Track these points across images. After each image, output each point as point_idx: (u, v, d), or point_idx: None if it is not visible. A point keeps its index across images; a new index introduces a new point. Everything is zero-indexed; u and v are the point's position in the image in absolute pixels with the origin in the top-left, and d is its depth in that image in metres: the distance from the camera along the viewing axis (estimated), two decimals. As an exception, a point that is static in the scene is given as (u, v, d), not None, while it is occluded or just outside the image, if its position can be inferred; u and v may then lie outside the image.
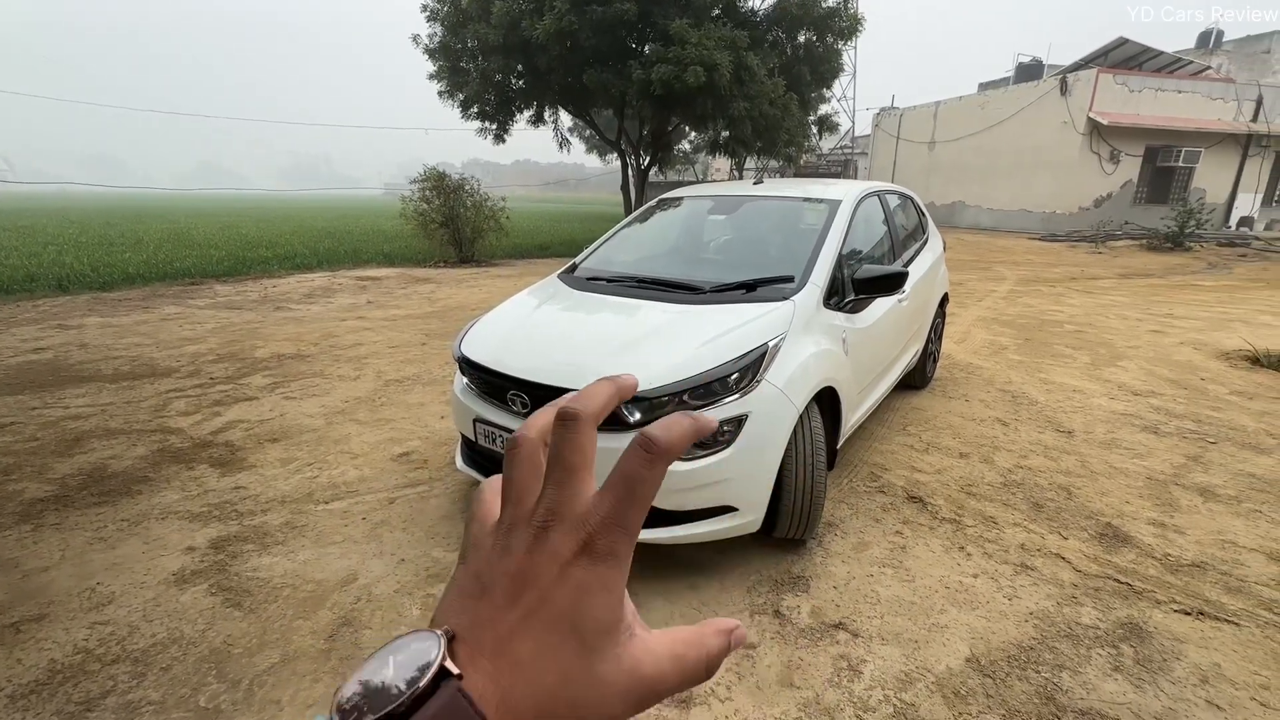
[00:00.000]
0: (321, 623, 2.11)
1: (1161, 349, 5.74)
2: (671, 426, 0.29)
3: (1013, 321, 6.95)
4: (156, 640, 2.02)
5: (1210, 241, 15.01)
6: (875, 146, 25.95)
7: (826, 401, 2.61)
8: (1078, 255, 13.87)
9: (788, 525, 2.41)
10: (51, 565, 2.41)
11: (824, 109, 18.38)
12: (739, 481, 2.18)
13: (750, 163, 22.39)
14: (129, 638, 2.04)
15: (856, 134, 33.06)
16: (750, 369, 2.22)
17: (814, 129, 16.90)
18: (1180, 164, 17.04)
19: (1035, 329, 6.58)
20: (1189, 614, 2.17)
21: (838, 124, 17.85)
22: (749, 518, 2.25)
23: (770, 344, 2.30)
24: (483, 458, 2.61)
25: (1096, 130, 16.74)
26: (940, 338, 4.80)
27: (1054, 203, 17.80)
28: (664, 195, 3.89)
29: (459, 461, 2.74)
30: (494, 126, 15.63)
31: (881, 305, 3.16)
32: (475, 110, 14.98)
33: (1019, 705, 1.78)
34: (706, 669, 0.28)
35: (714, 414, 2.14)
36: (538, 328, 2.68)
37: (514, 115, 15.74)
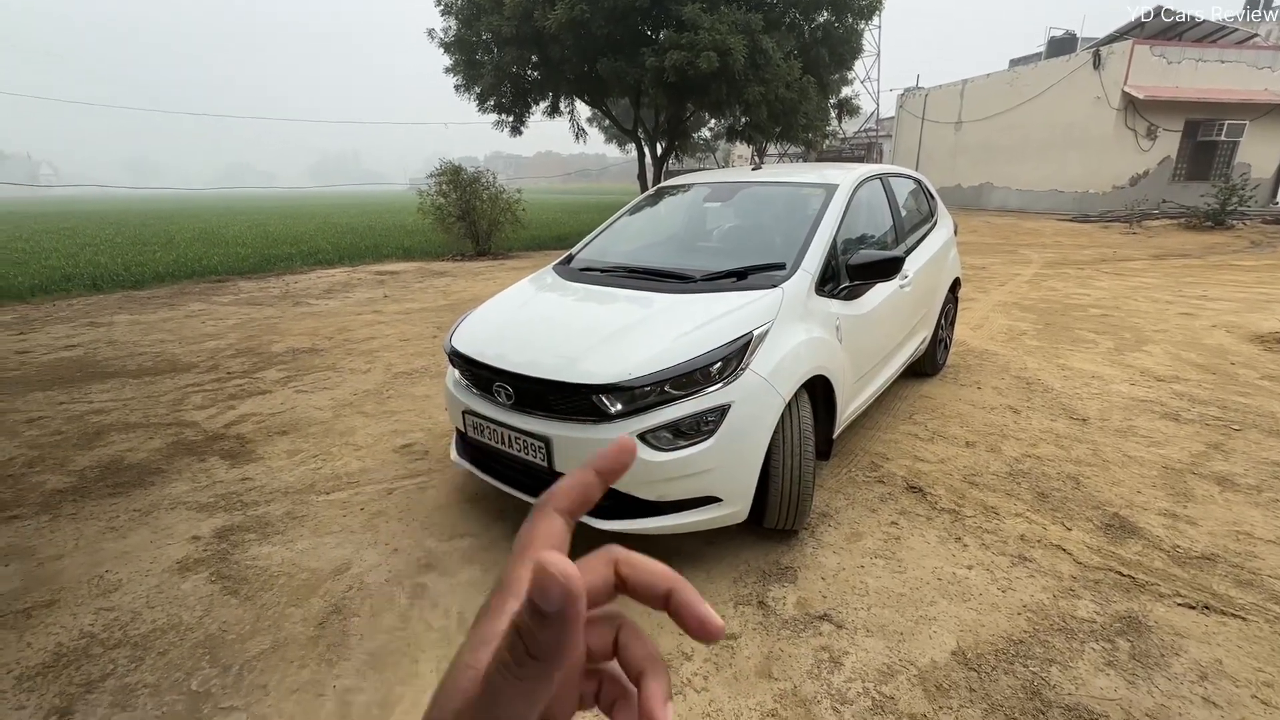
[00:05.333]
0: (313, 610, 2.17)
1: (1191, 332, 5.51)
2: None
3: (1034, 306, 6.74)
4: (156, 626, 2.10)
5: (1254, 219, 14.30)
6: (899, 129, 25.32)
7: (821, 391, 2.57)
8: (1110, 236, 13.36)
9: (776, 516, 2.38)
10: (65, 553, 2.52)
11: (845, 91, 17.99)
12: (722, 472, 2.16)
13: (771, 148, 22.04)
14: (131, 623, 2.12)
15: (881, 116, 32.27)
16: (733, 358, 2.19)
17: (834, 112, 16.56)
18: (1223, 138, 16.25)
19: (1057, 314, 6.37)
20: (1193, 608, 2.09)
21: (858, 107, 17.47)
22: (734, 508, 2.23)
23: (755, 332, 2.26)
24: (475, 450, 2.63)
25: (1132, 105, 16.04)
26: (952, 324, 4.68)
27: (1086, 182, 17.16)
28: (662, 184, 3.86)
29: (453, 454, 2.77)
30: (510, 119, 15.67)
31: (881, 291, 3.09)
32: (492, 103, 15.04)
33: (1002, 700, 1.74)
34: None
35: (696, 404, 2.12)
36: (526, 320, 2.68)
37: (530, 107, 15.75)
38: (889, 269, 2.72)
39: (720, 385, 2.15)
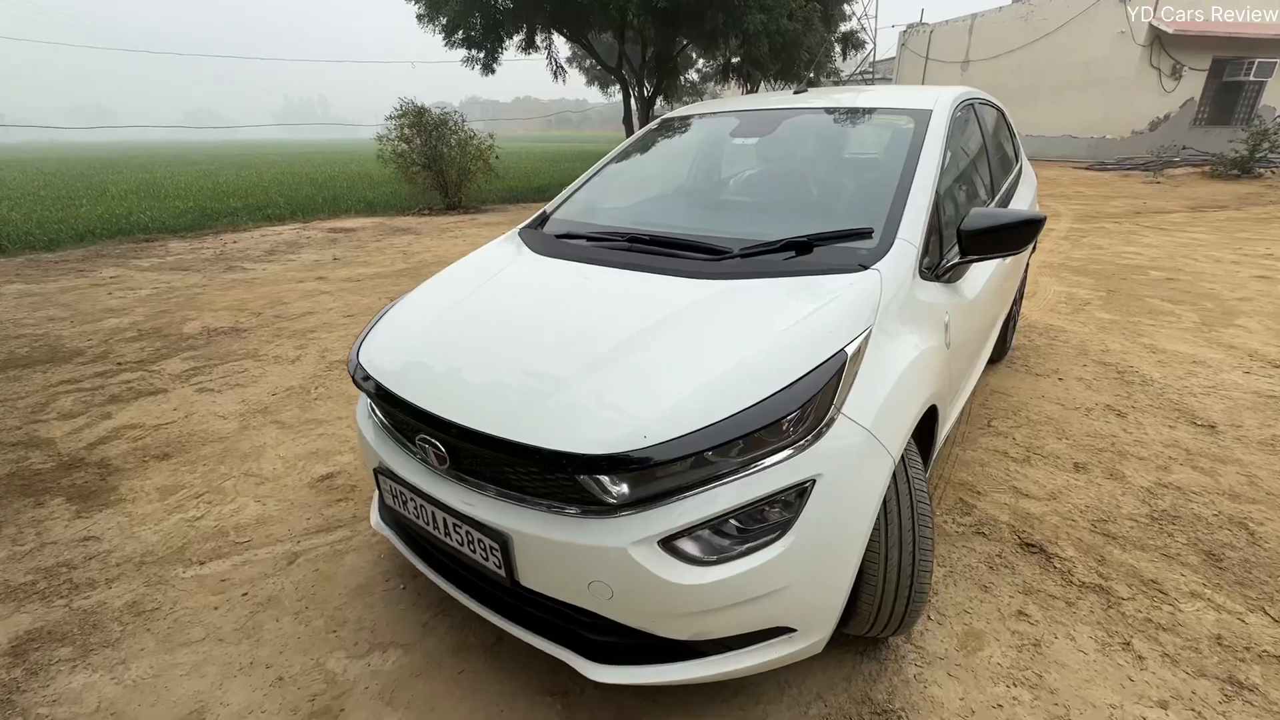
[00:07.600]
0: (119, 825, 1.30)
1: (1281, 301, 4.70)
2: None
3: (1085, 268, 5.88)
4: None
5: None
6: (901, 69, 23.83)
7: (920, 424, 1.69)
8: (1133, 185, 12.46)
9: (868, 624, 1.54)
10: None
11: (844, 27, 16.52)
12: (801, 588, 1.29)
13: (764, 88, 20.50)
14: None
15: (878, 56, 30.44)
16: (818, 399, 1.29)
17: (837, 48, 15.18)
18: (1251, 78, 15.19)
19: (1115, 277, 5.52)
20: None
21: (864, 40, 16.04)
22: (812, 639, 1.37)
23: (850, 349, 1.36)
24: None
25: (1159, 41, 14.85)
26: (1022, 296, 3.81)
27: (1103, 127, 16.10)
28: (669, 114, 2.84)
29: (374, 518, 1.87)
30: (480, 55, 14.08)
31: (984, 267, 2.18)
32: (460, 36, 13.43)
33: None
34: None
35: (759, 482, 1.23)
36: (473, 322, 1.73)
37: (502, 40, 14.14)
38: (1023, 237, 1.80)
39: (794, 448, 1.26)
